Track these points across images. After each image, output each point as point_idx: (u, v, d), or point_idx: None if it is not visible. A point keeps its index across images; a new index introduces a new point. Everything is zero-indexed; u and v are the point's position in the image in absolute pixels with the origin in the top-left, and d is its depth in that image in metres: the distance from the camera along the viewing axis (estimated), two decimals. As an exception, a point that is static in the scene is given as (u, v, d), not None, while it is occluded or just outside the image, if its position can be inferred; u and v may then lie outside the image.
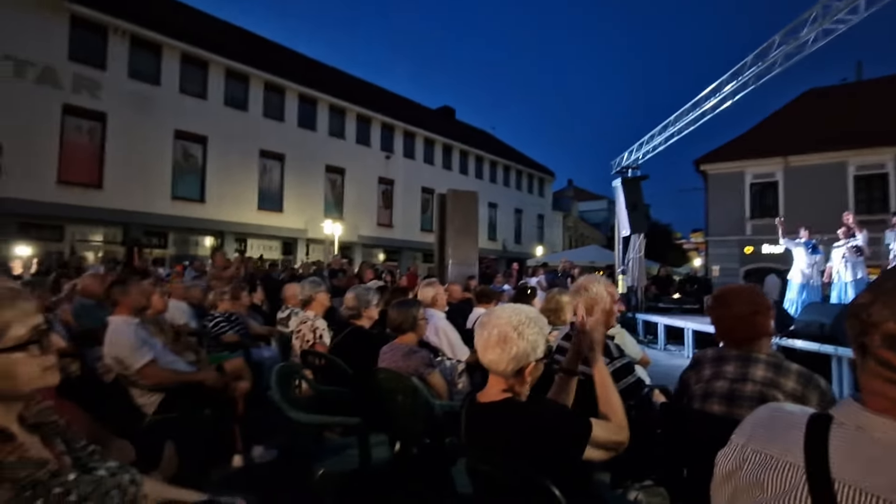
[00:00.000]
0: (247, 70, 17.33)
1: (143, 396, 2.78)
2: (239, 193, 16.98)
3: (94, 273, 4.43)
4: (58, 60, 13.40)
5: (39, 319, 0.95)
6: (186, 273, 8.54)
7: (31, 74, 13.01)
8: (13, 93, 12.60)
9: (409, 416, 2.48)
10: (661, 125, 11.59)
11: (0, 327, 0.88)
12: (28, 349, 0.91)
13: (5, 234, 12.67)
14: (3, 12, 12.44)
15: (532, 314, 1.47)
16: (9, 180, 12.45)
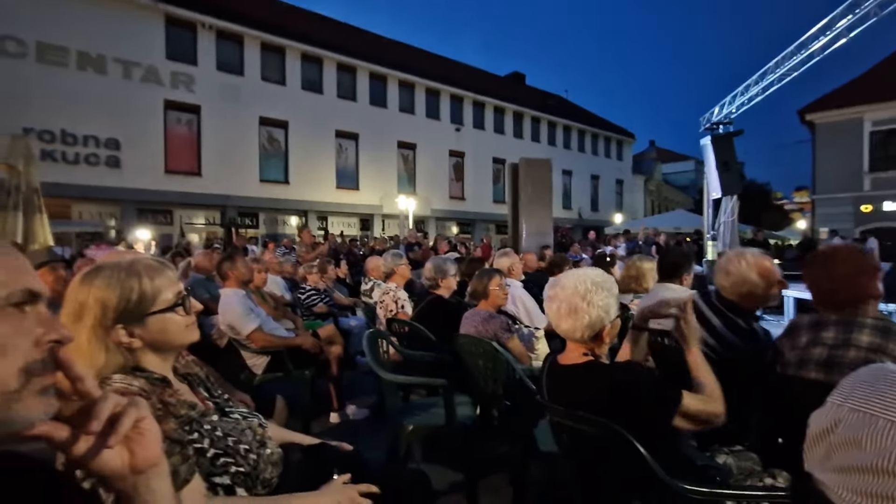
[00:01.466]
0: (320, 53, 17.94)
1: (253, 358, 3.14)
2: (318, 173, 17.91)
3: (205, 252, 4.97)
4: (157, 59, 14.76)
5: (181, 286, 1.13)
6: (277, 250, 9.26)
7: (136, 75, 14.49)
8: (124, 93, 14.13)
9: (490, 379, 2.58)
10: (759, 73, 10.41)
11: (155, 292, 1.06)
12: (176, 310, 1.09)
13: (127, 220, 14.50)
14: (108, 19, 13.87)
15: (598, 278, 1.45)
16: (127, 172, 14.17)
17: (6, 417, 0.51)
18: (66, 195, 13.10)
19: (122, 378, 0.99)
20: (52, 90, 12.99)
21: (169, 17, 14.89)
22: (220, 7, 15.82)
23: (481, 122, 23.50)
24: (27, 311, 0.54)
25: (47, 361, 0.54)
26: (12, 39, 12.65)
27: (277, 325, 3.41)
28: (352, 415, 3.60)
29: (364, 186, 19.19)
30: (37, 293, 0.55)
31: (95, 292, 1.00)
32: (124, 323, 1.02)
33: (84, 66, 13.65)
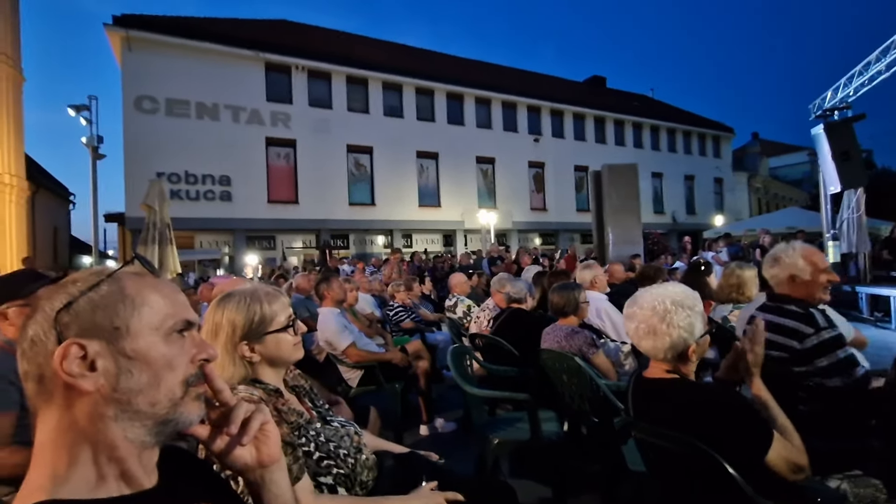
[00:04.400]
0: (399, 80, 18.91)
1: (349, 372, 3.38)
2: (402, 194, 18.72)
3: (304, 274, 5.46)
4: (259, 102, 16.52)
5: (291, 310, 1.32)
6: (366, 269, 9.82)
7: (242, 118, 16.32)
8: (233, 135, 15.98)
9: (575, 394, 2.54)
10: (882, 48, 9.14)
11: (272, 315, 1.25)
12: (287, 331, 1.27)
13: (238, 246, 16.24)
14: (219, 72, 15.83)
15: (677, 297, 1.38)
16: (237, 204, 15.93)
17: (175, 418, 0.66)
18: (190, 227, 15.02)
19: (246, 388, 1.17)
20: (177, 138, 15.08)
21: (268, 64, 16.65)
22: (310, 50, 17.40)
23: (560, 130, 23.11)
24: (185, 336, 0.70)
25: (199, 375, 0.70)
26: (147, 98, 14.93)
27: (369, 340, 3.65)
28: (440, 428, 3.71)
29: (445, 203, 19.68)
30: (192, 322, 0.71)
31: (227, 314, 1.20)
32: (248, 340, 1.21)
33: (202, 114, 15.68)
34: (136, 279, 0.67)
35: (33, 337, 0.61)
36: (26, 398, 1.39)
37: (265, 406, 0.78)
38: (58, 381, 0.60)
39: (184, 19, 16.97)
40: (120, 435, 0.63)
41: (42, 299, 0.63)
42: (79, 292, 0.63)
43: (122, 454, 0.63)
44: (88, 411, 0.61)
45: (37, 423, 0.62)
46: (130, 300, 0.65)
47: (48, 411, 0.61)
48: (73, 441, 0.61)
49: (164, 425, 0.66)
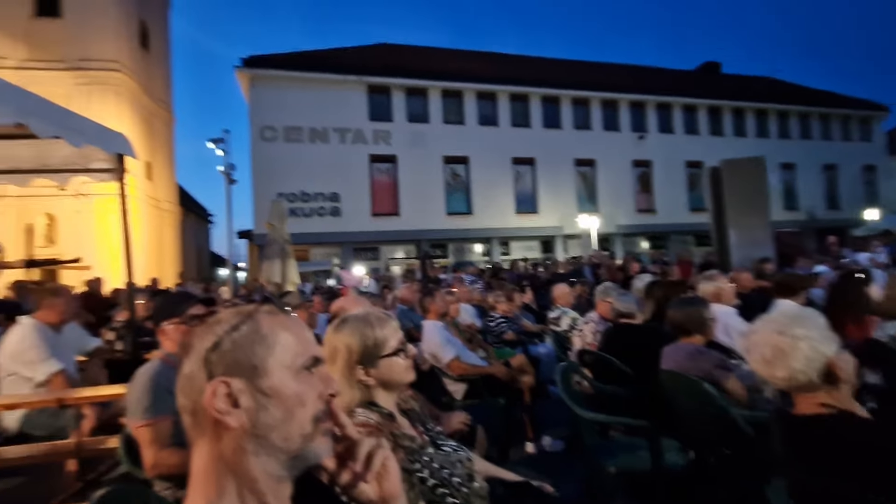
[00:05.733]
0: (493, 88, 19.01)
1: (453, 385, 3.41)
2: (498, 201, 18.71)
3: (407, 286, 5.66)
4: (363, 122, 17.68)
5: (401, 334, 1.34)
6: (465, 278, 9.91)
7: (348, 138, 17.57)
8: (340, 154, 17.26)
9: (702, 423, 2.28)
10: None
11: (384, 340, 1.29)
12: (399, 354, 1.30)
13: (346, 258, 17.43)
14: (326, 98, 17.21)
15: (787, 309, 1.20)
16: (345, 219, 17.13)
17: (306, 453, 0.69)
18: (305, 242, 16.45)
19: (364, 411, 1.21)
20: (293, 161, 16.67)
21: (370, 87, 17.77)
22: (407, 69, 18.24)
23: (668, 124, 21.45)
24: (313, 372, 0.72)
25: (326, 410, 0.72)
26: (269, 128, 16.74)
27: (472, 354, 3.65)
28: (547, 446, 3.57)
29: (543, 209, 19.27)
30: (319, 358, 0.74)
31: (343, 339, 1.26)
32: (363, 364, 1.26)
33: (313, 138, 17.18)
34: (269, 318, 0.71)
35: (188, 374, 0.67)
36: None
37: (385, 441, 0.79)
38: (208, 416, 0.65)
39: (297, 54, 18.81)
40: (259, 469, 0.66)
41: (196, 338, 0.69)
42: (224, 332, 0.68)
43: (261, 488, 0.66)
44: (233, 446, 0.65)
45: (193, 453, 0.68)
46: (265, 339, 0.69)
47: (201, 443, 0.67)
48: (221, 473, 0.66)
49: (297, 460, 0.68)
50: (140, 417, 1.73)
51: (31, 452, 2.72)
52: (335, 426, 0.74)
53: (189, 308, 1.89)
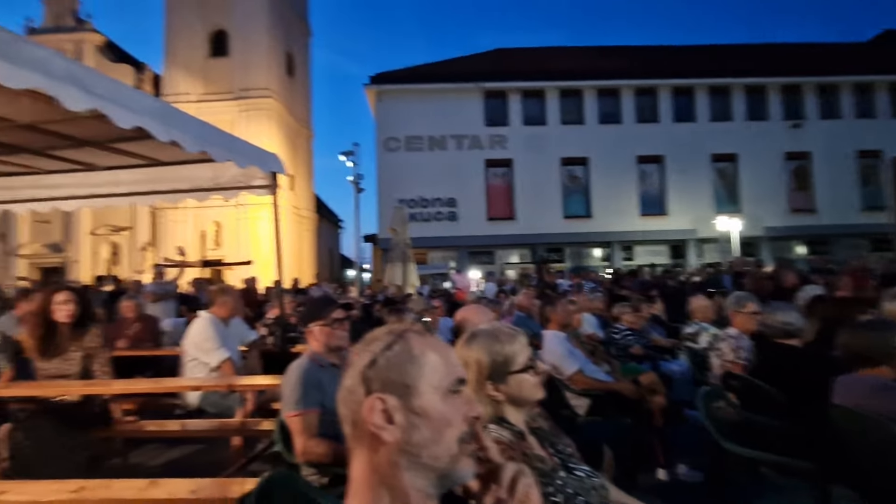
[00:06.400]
0: (615, 84, 17.99)
1: (575, 399, 3.27)
2: (621, 203, 17.61)
3: (525, 293, 5.58)
4: (479, 128, 17.97)
5: (529, 350, 1.32)
6: (585, 286, 9.48)
7: (465, 144, 17.99)
8: (457, 161, 17.74)
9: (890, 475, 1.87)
10: None
11: (513, 356, 1.27)
12: (528, 371, 1.27)
13: (462, 262, 17.83)
14: (445, 106, 17.81)
15: None
16: (461, 223, 17.56)
17: (453, 474, 0.70)
18: (423, 245, 17.19)
19: (496, 428, 1.21)
20: (413, 169, 17.57)
21: (486, 92, 18.01)
22: (523, 72, 18.12)
23: (833, 109, 18.22)
24: (458, 394, 0.74)
25: (470, 432, 0.73)
26: (393, 139, 17.88)
27: (596, 368, 3.47)
28: (682, 475, 3.24)
29: (673, 211, 17.67)
30: (463, 380, 0.75)
31: (474, 354, 1.27)
32: (492, 380, 1.26)
33: (432, 146, 17.93)
34: (419, 339, 0.75)
35: (349, 387, 0.73)
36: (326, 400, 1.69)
37: (526, 467, 0.77)
38: (366, 429, 0.70)
39: (417, 67, 19.80)
40: (410, 484, 0.69)
41: (354, 356, 0.75)
42: (379, 351, 0.73)
43: (411, 502, 0.69)
44: (388, 459, 0.69)
45: (352, 461, 0.73)
46: (416, 360, 0.72)
47: (359, 452, 0.72)
48: (377, 484, 0.70)
49: (444, 479, 0.70)
50: (292, 408, 1.95)
51: (207, 427, 3.23)
52: (479, 449, 0.74)
53: (332, 312, 2.08)
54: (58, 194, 4.15)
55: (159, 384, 3.40)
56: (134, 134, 2.61)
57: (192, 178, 3.87)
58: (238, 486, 2.06)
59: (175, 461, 3.78)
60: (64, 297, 2.93)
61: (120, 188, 4.00)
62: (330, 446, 1.87)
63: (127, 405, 3.45)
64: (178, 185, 3.93)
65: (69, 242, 23.06)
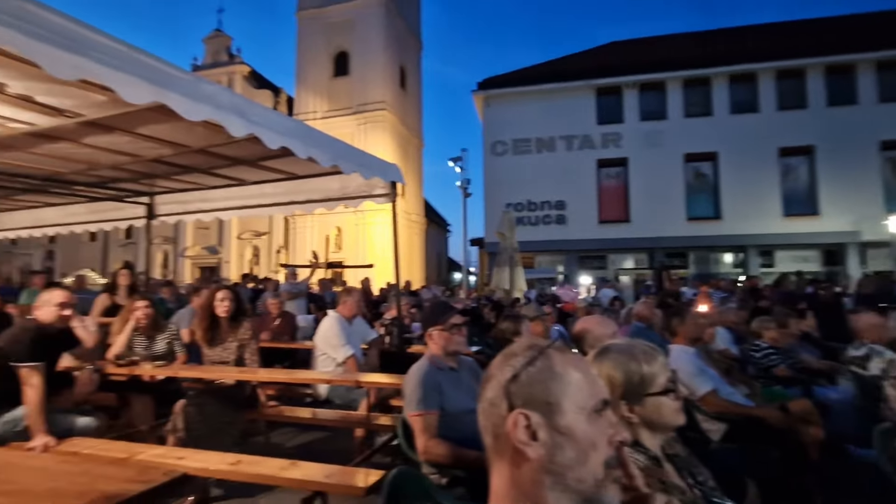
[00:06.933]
0: (751, 68, 15.98)
1: (708, 422, 2.95)
2: (758, 203, 15.56)
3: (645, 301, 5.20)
4: (590, 127, 17.20)
5: (670, 371, 1.22)
6: (713, 294, 8.55)
7: (575, 145, 17.35)
8: (566, 162, 17.17)
9: None
10: None
11: (651, 377, 1.18)
12: (668, 395, 1.18)
13: (570, 266, 17.19)
14: (553, 107, 17.34)
15: None
16: (571, 226, 16.95)
17: (597, 499, 0.67)
18: (530, 249, 16.93)
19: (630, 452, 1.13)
20: (521, 172, 17.40)
21: (598, 89, 17.20)
22: (640, 64, 16.95)
23: None
24: (602, 416, 0.71)
25: (616, 457, 0.69)
26: (500, 143, 17.90)
27: (732, 390, 3.10)
28: (847, 524, 2.75)
29: (827, 210, 15.16)
30: (608, 401, 0.72)
31: (605, 371, 1.21)
32: (626, 400, 1.18)
33: (540, 148, 17.59)
34: (561, 356, 0.73)
35: (491, 399, 0.74)
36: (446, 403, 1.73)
37: (662, 497, 0.71)
38: (508, 443, 0.70)
39: (525, 69, 19.58)
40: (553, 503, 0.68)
41: (494, 368, 0.76)
42: (521, 366, 0.72)
43: None
44: (531, 476, 0.69)
45: (493, 473, 0.74)
46: (559, 377, 0.70)
47: (500, 464, 0.72)
48: (518, 498, 0.70)
49: (588, 503, 0.68)
50: (413, 408, 2.04)
51: (334, 417, 3.52)
52: (624, 475, 0.70)
53: (450, 318, 2.14)
54: (217, 206, 4.85)
55: (295, 375, 3.79)
56: (278, 152, 2.95)
57: (323, 189, 4.26)
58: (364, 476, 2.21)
59: (305, 445, 4.18)
60: (223, 295, 3.42)
61: (265, 199, 4.56)
62: (449, 448, 1.92)
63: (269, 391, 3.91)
64: (311, 195, 4.36)
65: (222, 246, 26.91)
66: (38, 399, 2.47)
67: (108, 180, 4.40)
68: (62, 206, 5.38)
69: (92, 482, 1.34)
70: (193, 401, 3.21)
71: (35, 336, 2.62)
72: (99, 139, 3.13)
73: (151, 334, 3.70)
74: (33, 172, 3.94)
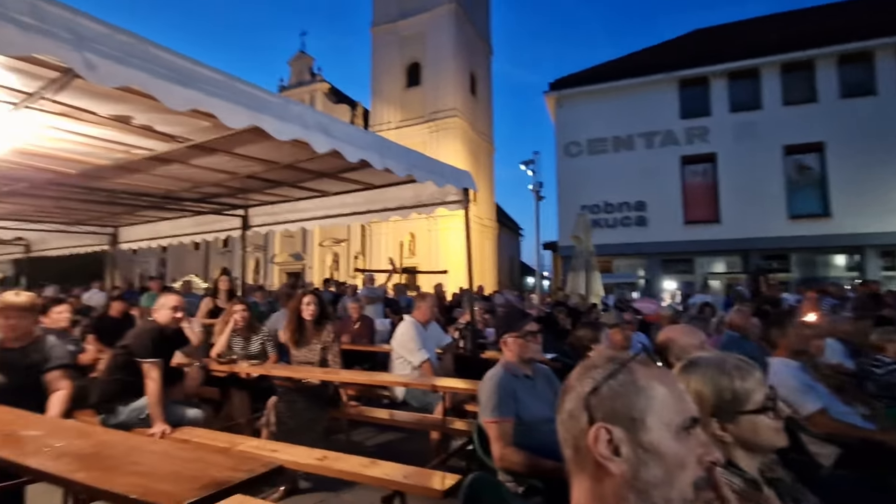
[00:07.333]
0: (864, 46, 14.14)
1: (816, 445, 2.65)
2: (877, 197, 13.69)
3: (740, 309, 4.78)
4: (672, 122, 16.17)
5: (767, 388, 1.12)
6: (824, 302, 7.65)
7: (656, 142, 16.40)
8: (646, 160, 16.28)
9: None
10: None
11: (746, 393, 1.10)
12: (766, 413, 1.08)
13: (652, 270, 16.22)
14: (631, 104, 16.51)
15: None
16: (652, 228, 16.02)
17: None
18: (608, 253, 16.21)
19: (723, 473, 1.06)
20: (596, 173, 16.77)
21: (681, 81, 16.13)
22: (730, 50, 15.67)
23: None
24: (691, 434, 0.67)
25: (707, 479, 0.66)
26: (573, 143, 17.40)
27: (847, 409, 2.76)
28: None
29: (965, 203, 13.01)
30: (697, 419, 0.69)
31: (693, 385, 1.14)
32: (718, 418, 1.10)
33: (618, 147, 16.84)
34: (645, 370, 0.71)
35: (570, 411, 0.73)
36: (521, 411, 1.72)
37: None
38: (589, 456, 0.69)
39: (599, 66, 18.88)
40: None
41: (573, 380, 0.75)
42: (601, 379, 0.71)
43: None
44: (614, 492, 0.67)
45: (573, 485, 0.73)
46: (644, 392, 0.68)
47: (581, 478, 0.71)
48: None
49: None
50: (489, 415, 2.05)
51: (410, 419, 3.62)
52: (717, 498, 0.66)
53: (525, 325, 2.12)
54: (303, 216, 5.21)
55: (374, 377, 3.95)
56: (357, 164, 3.11)
57: (398, 198, 4.43)
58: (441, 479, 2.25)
59: (383, 445, 4.33)
60: (309, 299, 3.66)
61: (344, 209, 4.82)
62: (526, 457, 1.91)
63: (350, 391, 4.10)
64: (387, 204, 4.54)
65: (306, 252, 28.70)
66: (158, 391, 2.80)
67: (209, 196, 4.89)
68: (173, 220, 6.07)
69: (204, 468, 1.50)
70: (284, 398, 3.46)
71: (155, 335, 2.98)
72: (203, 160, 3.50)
73: (247, 335, 4.04)
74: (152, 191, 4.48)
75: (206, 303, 5.35)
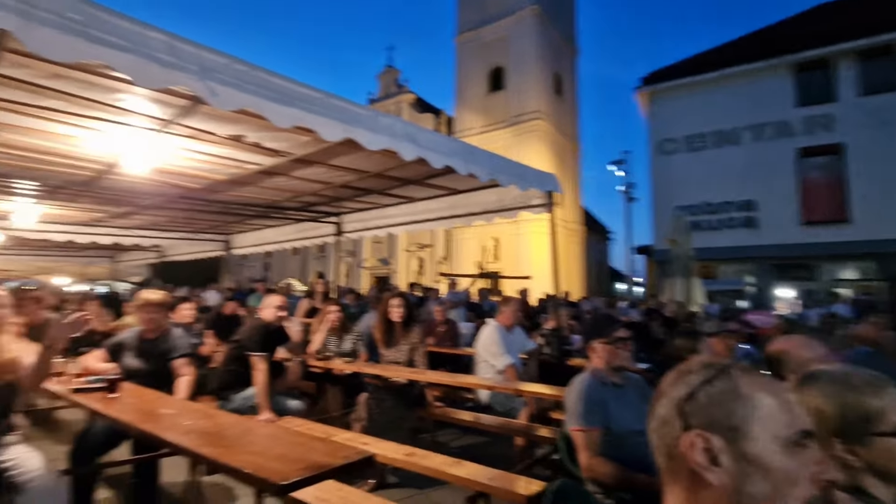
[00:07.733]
0: None
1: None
2: None
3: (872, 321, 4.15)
4: (787, 112, 14.49)
5: (906, 408, 0.97)
6: None
7: (766, 134, 14.79)
8: (754, 155, 14.74)
9: None
10: None
11: (878, 412, 0.96)
12: (903, 437, 0.94)
13: (763, 277, 14.59)
14: (736, 93, 15.06)
15: None
16: (762, 230, 14.45)
17: None
18: (710, 257, 14.89)
19: (849, 500, 0.93)
20: (694, 171, 15.52)
21: (798, 65, 14.43)
22: (860, 25, 13.70)
23: None
24: (804, 449, 0.61)
25: (823, 499, 0.59)
26: (668, 141, 16.28)
27: None
28: None
29: None
30: (811, 433, 0.62)
31: (811, 401, 1.02)
32: (843, 439, 0.98)
33: (719, 142, 15.45)
34: (748, 378, 0.65)
35: (663, 417, 0.69)
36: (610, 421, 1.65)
37: None
38: (684, 465, 0.65)
39: (696, 56, 17.47)
40: None
41: (666, 385, 0.71)
42: (697, 384, 0.67)
43: None
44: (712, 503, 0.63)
45: (666, 495, 0.70)
46: (746, 400, 0.63)
47: (675, 487, 0.68)
48: None
49: None
50: (575, 423, 1.99)
51: (494, 423, 3.61)
52: None
53: (615, 331, 2.03)
54: (391, 222, 5.45)
55: (459, 379, 4.01)
56: (441, 171, 3.20)
57: (482, 203, 4.46)
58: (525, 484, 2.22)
59: (467, 447, 4.36)
60: (397, 302, 3.81)
61: (430, 215, 4.96)
62: (616, 468, 1.82)
63: (435, 392, 4.20)
64: (471, 209, 4.60)
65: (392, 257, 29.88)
66: (265, 382, 3.09)
67: (307, 205, 5.31)
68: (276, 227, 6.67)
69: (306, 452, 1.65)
70: (373, 395, 3.64)
71: (262, 332, 3.30)
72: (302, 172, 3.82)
73: (340, 334, 4.31)
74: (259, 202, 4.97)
75: (305, 304, 5.79)
